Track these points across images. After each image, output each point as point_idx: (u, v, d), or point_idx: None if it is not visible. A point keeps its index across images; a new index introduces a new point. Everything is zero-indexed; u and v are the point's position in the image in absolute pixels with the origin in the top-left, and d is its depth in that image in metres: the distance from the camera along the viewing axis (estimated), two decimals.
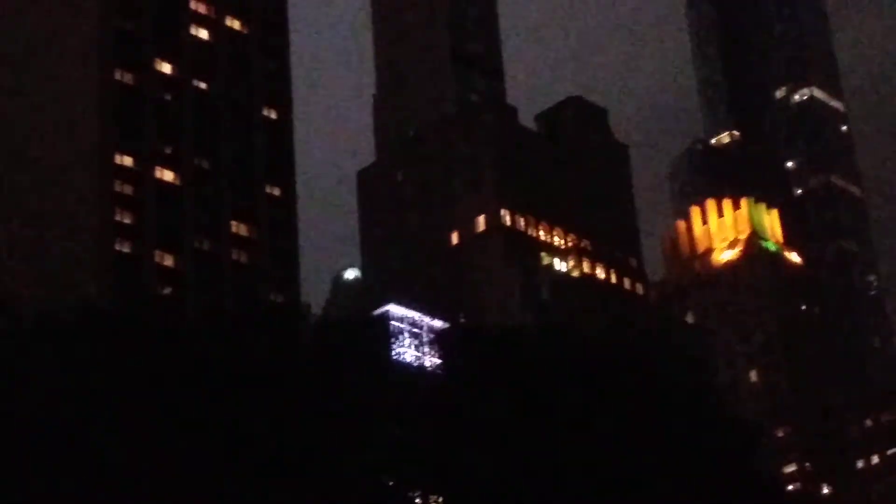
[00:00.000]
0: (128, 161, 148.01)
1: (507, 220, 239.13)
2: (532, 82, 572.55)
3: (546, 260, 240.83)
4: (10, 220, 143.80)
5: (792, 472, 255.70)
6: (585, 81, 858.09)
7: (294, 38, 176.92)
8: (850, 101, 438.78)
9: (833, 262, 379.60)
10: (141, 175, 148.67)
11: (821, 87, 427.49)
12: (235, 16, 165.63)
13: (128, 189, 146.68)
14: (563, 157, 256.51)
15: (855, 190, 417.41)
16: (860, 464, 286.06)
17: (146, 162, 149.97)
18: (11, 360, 76.96)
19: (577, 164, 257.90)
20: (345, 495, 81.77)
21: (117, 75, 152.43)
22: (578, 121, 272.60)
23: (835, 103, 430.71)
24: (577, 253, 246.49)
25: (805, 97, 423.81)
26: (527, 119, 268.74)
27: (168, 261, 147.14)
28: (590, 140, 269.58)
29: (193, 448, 73.28)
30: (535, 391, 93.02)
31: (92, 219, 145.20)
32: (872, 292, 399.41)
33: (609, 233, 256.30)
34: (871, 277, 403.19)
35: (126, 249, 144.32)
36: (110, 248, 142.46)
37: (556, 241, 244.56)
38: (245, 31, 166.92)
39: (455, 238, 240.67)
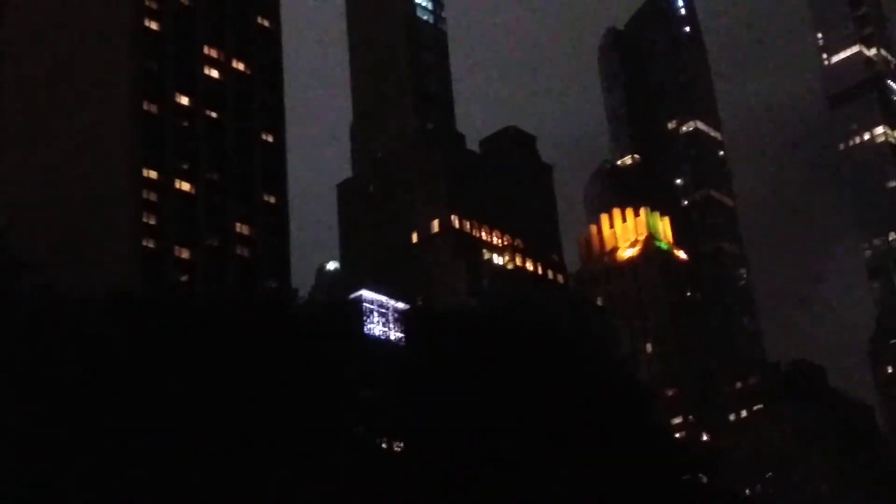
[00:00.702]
0: (153, 174, 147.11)
1: (456, 223, 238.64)
2: (477, 114, 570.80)
3: (487, 255, 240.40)
4: (56, 223, 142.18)
5: (678, 424, 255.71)
6: (519, 113, 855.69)
7: (287, 76, 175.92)
8: (725, 132, 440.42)
9: (711, 258, 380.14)
10: (164, 185, 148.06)
11: (703, 120, 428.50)
12: (240, 59, 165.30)
13: (153, 196, 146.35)
14: (501, 175, 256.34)
15: (728, 201, 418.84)
16: (731, 417, 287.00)
17: (168, 175, 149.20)
18: (60, 335, 75.44)
19: (512, 179, 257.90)
20: (324, 444, 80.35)
21: (145, 106, 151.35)
22: (513, 145, 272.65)
23: (714, 133, 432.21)
24: (511, 250, 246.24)
25: (691, 128, 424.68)
26: (472, 144, 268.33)
27: (185, 254, 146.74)
28: (522, 161, 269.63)
29: (205, 402, 72.98)
30: (478, 359, 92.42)
31: (124, 220, 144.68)
32: (742, 282, 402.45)
33: (536, 234, 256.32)
34: (742, 271, 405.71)
35: (151, 245, 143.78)
36: (139, 244, 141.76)
37: (495, 240, 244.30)
38: (248, 72, 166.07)
39: (415, 237, 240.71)
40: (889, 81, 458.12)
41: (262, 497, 72.88)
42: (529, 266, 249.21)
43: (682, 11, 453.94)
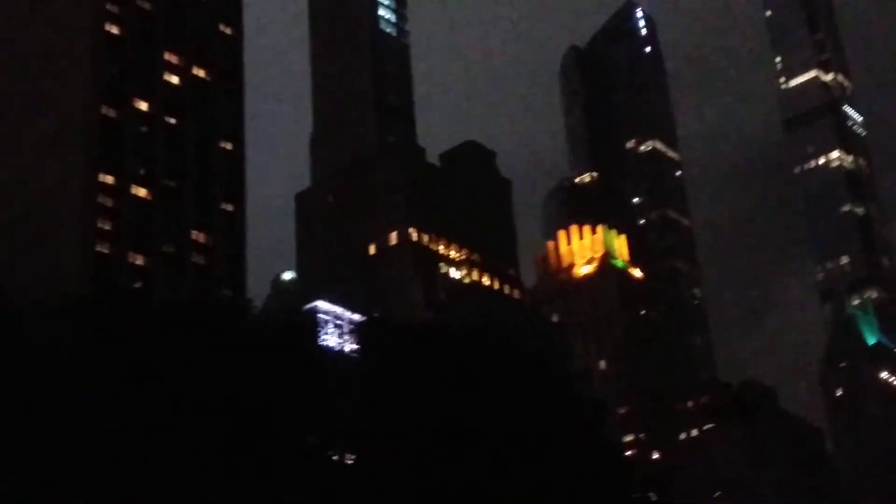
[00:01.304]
0: (109, 179, 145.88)
1: (414, 236, 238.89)
2: (437, 127, 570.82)
3: (444, 269, 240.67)
4: (9, 225, 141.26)
5: (630, 441, 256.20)
6: (480, 128, 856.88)
7: (248, 85, 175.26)
8: (683, 152, 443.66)
9: (666, 277, 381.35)
10: (120, 190, 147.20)
11: (661, 140, 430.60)
12: (200, 66, 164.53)
13: (108, 202, 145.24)
14: (460, 189, 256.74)
15: (685, 221, 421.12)
16: (682, 436, 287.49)
17: (125, 180, 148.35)
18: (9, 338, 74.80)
19: (471, 194, 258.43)
20: (276, 453, 79.93)
21: (104, 110, 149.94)
22: (472, 160, 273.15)
23: (671, 153, 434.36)
24: (468, 264, 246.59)
25: (649, 148, 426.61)
26: (432, 157, 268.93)
27: (139, 261, 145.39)
28: (481, 175, 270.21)
29: (151, 412, 72.16)
30: (433, 373, 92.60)
31: (77, 224, 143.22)
32: (696, 302, 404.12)
33: (494, 249, 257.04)
34: (696, 290, 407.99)
35: (105, 250, 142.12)
36: (92, 249, 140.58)
37: (453, 254, 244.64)
38: (208, 79, 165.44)
39: (372, 249, 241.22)
40: (845, 107, 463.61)
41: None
42: (486, 280, 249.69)
43: (643, 32, 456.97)
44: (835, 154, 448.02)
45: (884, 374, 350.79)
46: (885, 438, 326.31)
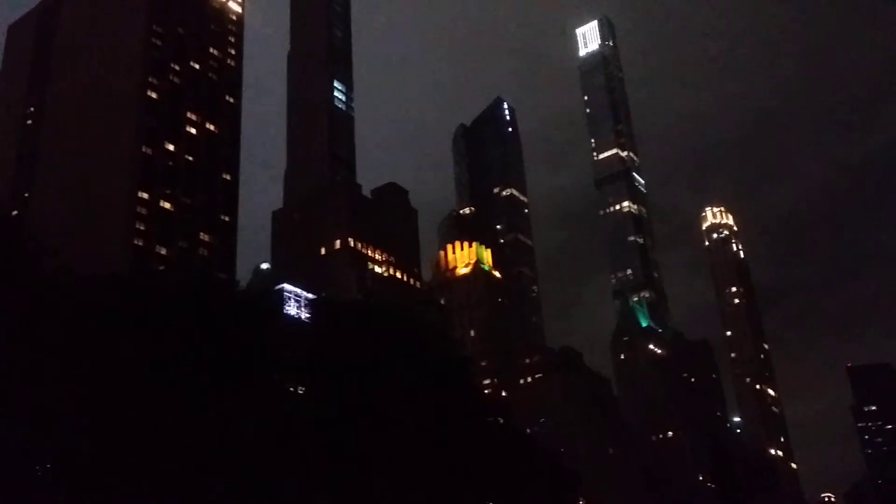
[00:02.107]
0: (145, 195, 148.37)
1: (352, 243, 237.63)
2: (370, 172, 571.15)
3: (371, 266, 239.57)
4: (74, 223, 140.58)
5: (487, 384, 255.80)
6: (398, 174, 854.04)
7: (243, 136, 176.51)
8: (530, 197, 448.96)
9: (515, 278, 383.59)
10: (152, 203, 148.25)
11: (516, 189, 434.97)
12: (212, 122, 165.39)
13: (144, 210, 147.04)
14: (383, 214, 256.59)
15: (529, 242, 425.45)
16: (521, 381, 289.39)
17: (155, 197, 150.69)
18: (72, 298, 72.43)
19: (391, 217, 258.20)
20: (250, 386, 78.30)
21: (144, 149, 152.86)
22: (392, 195, 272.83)
23: (522, 198, 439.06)
24: (387, 264, 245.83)
25: (508, 193, 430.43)
26: (366, 192, 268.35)
27: (163, 252, 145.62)
28: (398, 206, 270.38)
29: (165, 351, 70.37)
30: (361, 334, 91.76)
31: (123, 225, 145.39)
32: (533, 295, 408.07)
33: (405, 254, 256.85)
34: (534, 287, 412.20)
35: (140, 243, 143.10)
36: (131, 242, 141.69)
37: (377, 256, 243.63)
38: (216, 131, 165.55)
39: (323, 251, 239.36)
40: (633, 173, 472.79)
41: (202, 422, 70.28)
42: (398, 275, 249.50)
43: (507, 117, 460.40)
44: (626, 203, 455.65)
45: (651, 346, 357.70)
46: (650, 387, 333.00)
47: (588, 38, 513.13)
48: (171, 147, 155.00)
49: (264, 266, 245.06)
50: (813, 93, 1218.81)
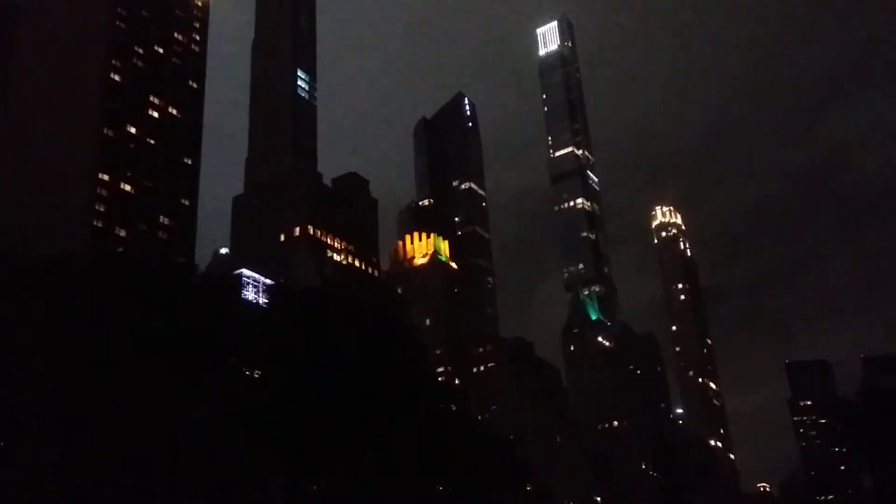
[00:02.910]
0: (106, 177, 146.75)
1: (311, 231, 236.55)
2: (331, 161, 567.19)
3: (329, 254, 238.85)
4: (33, 205, 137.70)
5: (441, 371, 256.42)
6: (359, 164, 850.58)
7: (205, 121, 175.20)
8: (488, 192, 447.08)
9: (472, 269, 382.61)
10: (113, 185, 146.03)
11: (475, 182, 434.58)
12: (174, 106, 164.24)
13: (104, 192, 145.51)
14: (343, 203, 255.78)
15: (486, 235, 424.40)
16: (475, 370, 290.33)
17: (116, 179, 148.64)
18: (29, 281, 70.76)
19: (350, 206, 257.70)
20: (208, 370, 77.45)
21: (106, 131, 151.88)
22: (353, 184, 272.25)
23: (480, 191, 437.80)
24: (346, 252, 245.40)
25: (466, 187, 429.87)
26: (327, 180, 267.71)
27: (123, 234, 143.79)
28: (358, 195, 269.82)
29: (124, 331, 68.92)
30: (317, 320, 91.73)
31: (83, 207, 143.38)
32: (489, 286, 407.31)
33: (363, 243, 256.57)
34: (489, 279, 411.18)
35: (100, 225, 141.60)
36: (91, 224, 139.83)
37: (336, 244, 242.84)
38: (179, 116, 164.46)
39: (282, 237, 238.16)
40: (588, 171, 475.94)
41: (157, 404, 69.24)
42: (357, 263, 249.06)
43: (468, 113, 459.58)
44: (580, 200, 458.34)
45: (599, 338, 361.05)
46: (598, 378, 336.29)
47: (548, 38, 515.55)
48: (133, 130, 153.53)
49: (223, 251, 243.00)
50: (758, 103, 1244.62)
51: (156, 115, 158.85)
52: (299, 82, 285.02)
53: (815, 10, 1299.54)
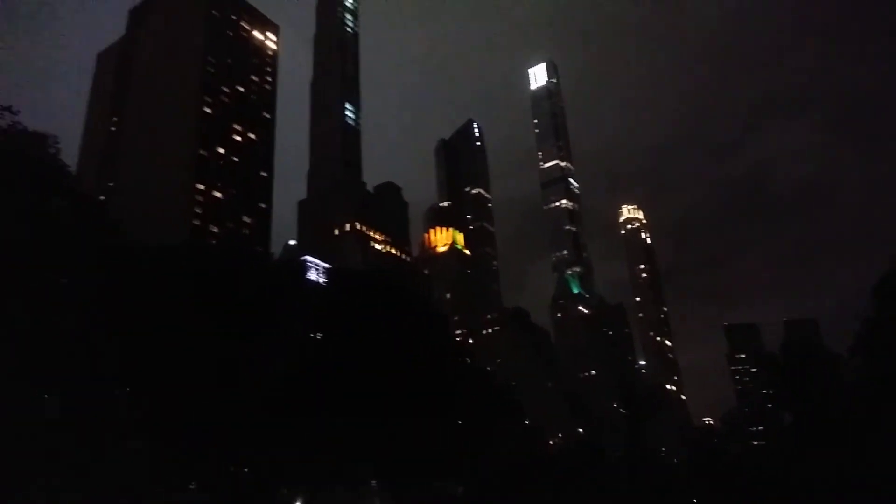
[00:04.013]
0: (201, 186, 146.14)
1: (358, 227, 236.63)
2: (372, 172, 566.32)
3: (372, 244, 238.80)
4: (147, 204, 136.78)
5: (458, 334, 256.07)
6: (394, 174, 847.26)
7: (277, 143, 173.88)
8: (493, 195, 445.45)
9: (481, 255, 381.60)
10: (206, 193, 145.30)
11: (482, 188, 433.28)
12: (252, 132, 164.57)
13: (200, 198, 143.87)
14: (382, 205, 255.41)
15: (491, 228, 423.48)
16: (483, 332, 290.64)
17: (209, 188, 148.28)
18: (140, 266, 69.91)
19: (387, 208, 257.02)
20: (280, 334, 77.28)
21: (201, 150, 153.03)
22: (389, 191, 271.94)
23: (487, 195, 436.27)
24: (384, 242, 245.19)
25: (476, 192, 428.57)
26: (370, 188, 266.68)
27: (215, 230, 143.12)
28: (393, 199, 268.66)
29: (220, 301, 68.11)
30: (364, 295, 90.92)
31: (184, 208, 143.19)
32: (494, 268, 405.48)
33: (398, 236, 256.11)
34: (494, 262, 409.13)
35: (197, 223, 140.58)
36: (190, 222, 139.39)
37: (377, 237, 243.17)
38: (256, 139, 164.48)
39: (336, 232, 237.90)
40: (569, 178, 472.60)
41: (240, 358, 69.25)
42: (393, 251, 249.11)
43: (476, 134, 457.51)
44: (563, 201, 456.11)
45: (580, 307, 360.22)
46: (579, 338, 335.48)
47: (537, 76, 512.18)
48: (221, 150, 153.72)
49: (292, 243, 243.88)
50: (697, 127, 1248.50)
51: (238, 138, 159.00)
52: (347, 112, 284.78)
53: (738, 54, 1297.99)
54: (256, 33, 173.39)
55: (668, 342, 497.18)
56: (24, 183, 57.22)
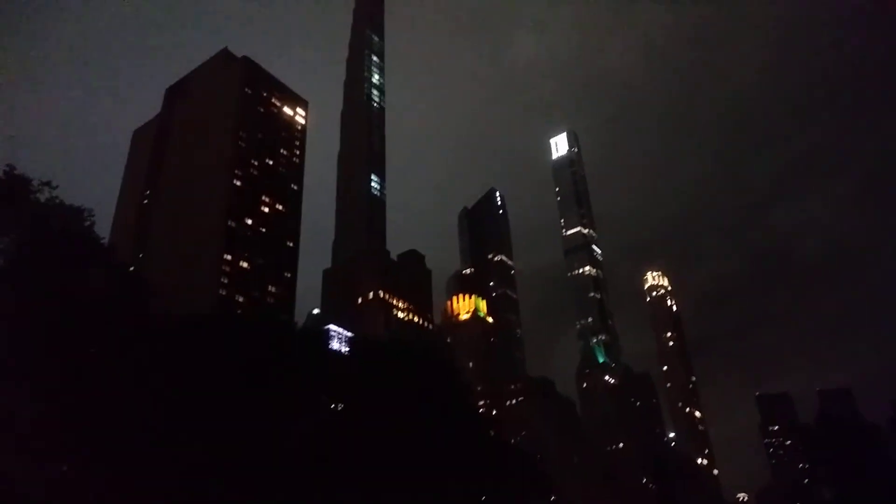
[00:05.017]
0: (228, 257, 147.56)
1: (381, 294, 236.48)
2: (396, 241, 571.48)
3: (395, 312, 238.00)
4: (174, 274, 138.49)
5: (482, 404, 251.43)
6: (417, 243, 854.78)
7: (304, 215, 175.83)
8: (516, 262, 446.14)
9: (504, 323, 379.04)
10: (233, 262, 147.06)
11: (505, 255, 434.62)
12: (280, 204, 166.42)
13: (227, 268, 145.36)
14: (406, 273, 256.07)
15: (514, 296, 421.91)
16: (507, 403, 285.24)
17: (236, 258, 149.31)
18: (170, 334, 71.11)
19: (411, 276, 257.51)
20: (304, 402, 77.21)
21: (230, 222, 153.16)
22: (413, 259, 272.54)
23: (510, 262, 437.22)
24: (407, 310, 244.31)
25: (499, 259, 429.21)
26: (393, 256, 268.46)
27: (241, 299, 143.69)
28: (416, 267, 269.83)
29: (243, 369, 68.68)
30: (388, 364, 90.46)
31: (211, 278, 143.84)
32: (518, 335, 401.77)
33: (421, 304, 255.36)
34: (518, 330, 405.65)
35: (224, 293, 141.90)
36: (217, 292, 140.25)
37: (400, 304, 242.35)
38: (284, 211, 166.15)
39: (359, 300, 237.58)
40: (592, 245, 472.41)
41: (266, 426, 69.12)
42: (416, 319, 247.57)
43: (499, 202, 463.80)
44: (587, 268, 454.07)
45: (606, 377, 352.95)
46: (606, 409, 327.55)
47: (559, 145, 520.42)
48: (249, 221, 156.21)
49: (315, 311, 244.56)
50: (722, 193, 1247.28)
51: (266, 210, 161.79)
52: (372, 183, 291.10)
53: (761, 122, 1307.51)
54: (286, 109, 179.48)
55: (697, 413, 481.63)
56: (61, 255, 59.44)
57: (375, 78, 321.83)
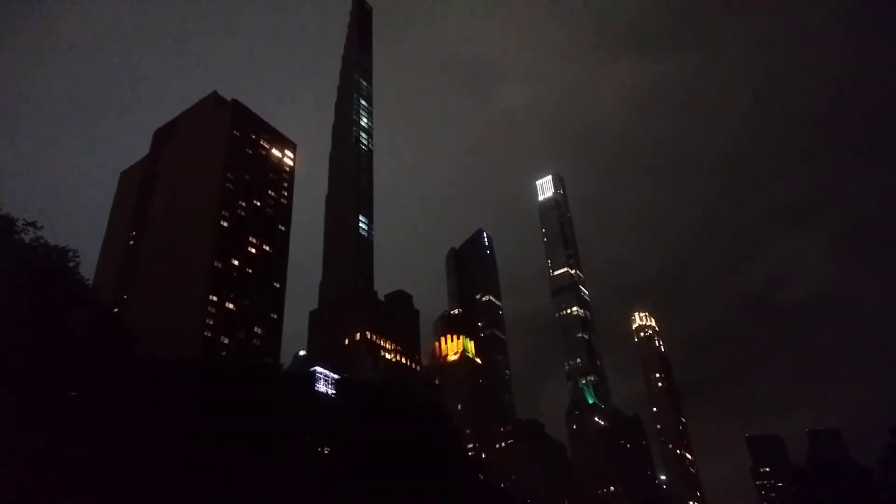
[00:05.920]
0: (214, 298, 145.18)
1: (368, 336, 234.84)
2: (384, 282, 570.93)
3: (382, 353, 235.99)
4: (159, 317, 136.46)
5: (471, 447, 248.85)
6: (405, 283, 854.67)
7: (291, 255, 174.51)
8: (504, 303, 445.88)
9: (492, 364, 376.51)
10: (219, 304, 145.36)
11: (492, 295, 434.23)
12: (267, 245, 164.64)
13: (213, 309, 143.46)
14: (393, 314, 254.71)
15: (503, 336, 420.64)
16: (497, 445, 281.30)
17: (221, 299, 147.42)
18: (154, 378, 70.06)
19: (398, 316, 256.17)
20: (289, 444, 75.76)
21: (215, 262, 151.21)
22: (400, 299, 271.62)
23: (498, 303, 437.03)
24: (395, 351, 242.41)
25: (487, 299, 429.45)
26: (381, 296, 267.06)
27: (226, 341, 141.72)
28: (404, 307, 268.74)
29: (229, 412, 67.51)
30: (374, 406, 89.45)
31: (196, 319, 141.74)
32: (506, 377, 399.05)
33: (408, 344, 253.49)
34: (506, 371, 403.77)
35: (209, 334, 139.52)
36: (202, 334, 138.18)
37: (388, 346, 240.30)
38: (271, 252, 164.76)
39: (346, 342, 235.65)
40: (580, 286, 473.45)
41: (251, 471, 67.61)
42: (403, 360, 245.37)
43: (486, 243, 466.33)
44: (574, 308, 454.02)
45: (596, 419, 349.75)
46: (596, 451, 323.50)
47: (544, 187, 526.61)
48: (235, 262, 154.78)
49: (301, 353, 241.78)
50: (707, 238, 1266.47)
51: (253, 250, 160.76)
52: (360, 224, 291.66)
53: (745, 171, 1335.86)
54: (275, 151, 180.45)
55: (688, 455, 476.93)
56: (45, 296, 58.61)
57: (364, 121, 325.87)
